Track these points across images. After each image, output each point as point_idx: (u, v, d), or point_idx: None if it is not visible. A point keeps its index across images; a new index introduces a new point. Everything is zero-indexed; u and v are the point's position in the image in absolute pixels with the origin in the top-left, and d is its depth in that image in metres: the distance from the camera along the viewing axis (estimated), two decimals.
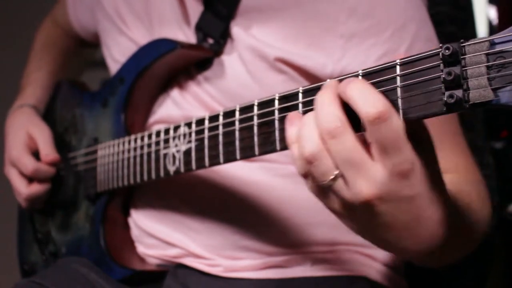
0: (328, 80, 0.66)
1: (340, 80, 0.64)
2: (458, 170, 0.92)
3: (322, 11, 0.96)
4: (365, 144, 0.61)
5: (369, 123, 0.58)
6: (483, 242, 0.90)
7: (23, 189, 1.20)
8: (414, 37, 0.95)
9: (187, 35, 1.08)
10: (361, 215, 0.63)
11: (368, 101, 0.59)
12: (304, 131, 0.63)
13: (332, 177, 0.62)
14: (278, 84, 0.98)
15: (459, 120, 0.97)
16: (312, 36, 0.96)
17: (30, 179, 1.21)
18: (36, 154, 1.21)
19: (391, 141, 0.58)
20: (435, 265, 0.83)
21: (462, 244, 0.83)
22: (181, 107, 1.07)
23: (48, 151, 1.19)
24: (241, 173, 1.03)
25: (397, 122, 0.58)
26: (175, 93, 1.09)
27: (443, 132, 0.94)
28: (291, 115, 0.68)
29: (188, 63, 1.07)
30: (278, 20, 0.99)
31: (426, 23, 0.98)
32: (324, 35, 0.96)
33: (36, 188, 1.19)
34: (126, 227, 1.15)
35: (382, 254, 1.07)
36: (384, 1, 0.95)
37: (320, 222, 1.03)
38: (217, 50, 1.04)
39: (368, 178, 0.60)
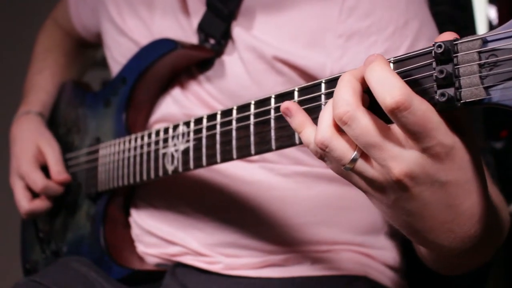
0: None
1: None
2: None
3: (321, 10, 0.96)
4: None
5: (389, 113, 0.56)
6: None
7: (25, 203, 1.20)
8: (417, 34, 0.94)
9: (187, 35, 1.08)
10: (392, 197, 0.59)
11: (384, 89, 0.56)
12: (320, 118, 0.62)
13: (349, 160, 0.60)
14: (278, 86, 0.98)
15: None
16: (311, 35, 0.97)
17: (35, 194, 1.21)
18: (43, 168, 1.21)
19: (417, 127, 0.55)
20: (459, 271, 0.80)
21: (488, 249, 0.77)
22: (182, 106, 1.08)
23: (59, 169, 1.19)
24: (242, 172, 1.03)
25: (420, 107, 0.55)
26: (176, 92, 1.09)
27: None
28: (285, 105, 0.66)
29: (189, 63, 1.08)
30: (278, 18, 0.99)
31: (429, 22, 0.98)
32: (323, 34, 0.96)
33: (40, 204, 1.20)
34: (127, 226, 1.16)
35: (382, 254, 1.07)
36: None
37: (320, 221, 1.03)
38: (218, 51, 1.04)
39: (396, 158, 0.57)
